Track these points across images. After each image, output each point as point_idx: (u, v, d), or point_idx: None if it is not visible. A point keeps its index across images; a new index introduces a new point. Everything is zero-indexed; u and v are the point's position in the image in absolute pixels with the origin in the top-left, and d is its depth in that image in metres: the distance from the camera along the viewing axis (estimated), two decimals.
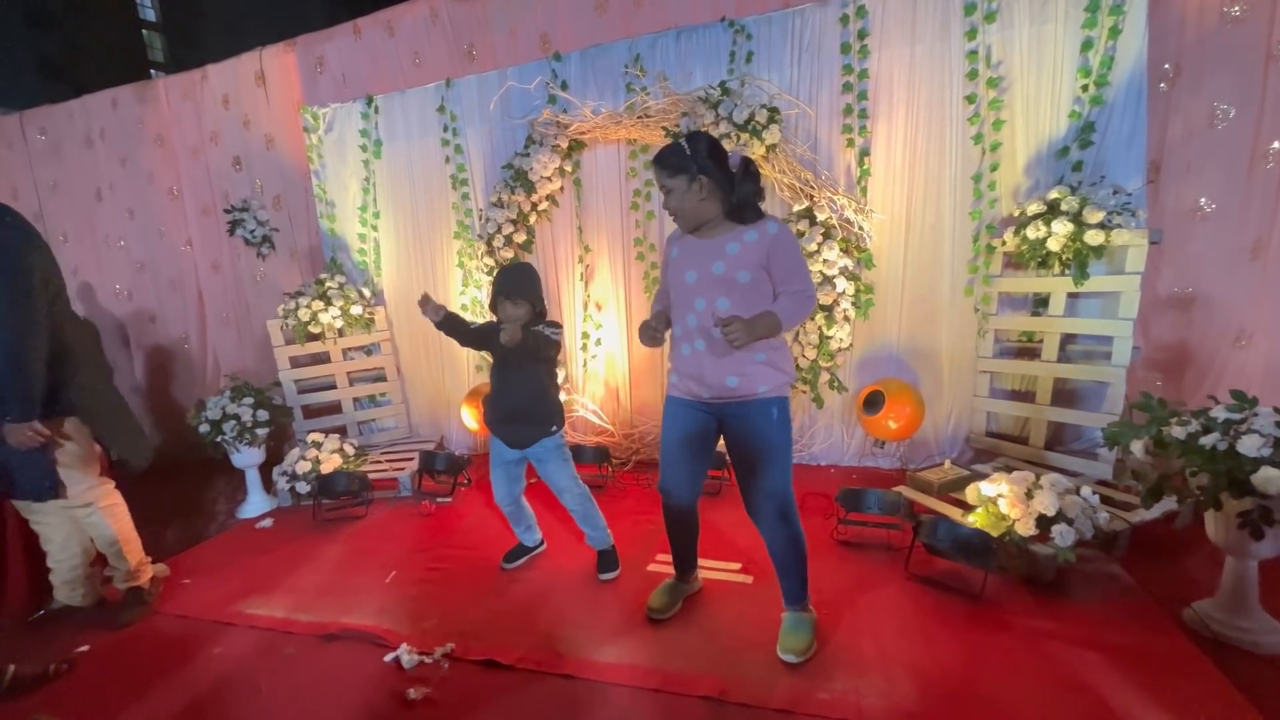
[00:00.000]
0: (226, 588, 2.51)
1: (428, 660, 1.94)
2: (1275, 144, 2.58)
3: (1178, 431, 1.86)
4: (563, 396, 2.73)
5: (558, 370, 2.34)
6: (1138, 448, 1.96)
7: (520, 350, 2.10)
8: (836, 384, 3.20)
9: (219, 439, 3.34)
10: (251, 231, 4.16)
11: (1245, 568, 1.85)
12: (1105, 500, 2.31)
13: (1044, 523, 2.11)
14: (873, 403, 2.97)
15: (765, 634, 1.94)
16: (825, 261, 2.94)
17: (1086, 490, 2.19)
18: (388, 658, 1.96)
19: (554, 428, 2.26)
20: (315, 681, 1.91)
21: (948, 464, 2.82)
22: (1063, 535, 2.06)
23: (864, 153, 3.02)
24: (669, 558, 2.18)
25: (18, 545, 2.48)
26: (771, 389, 1.77)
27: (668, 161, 1.72)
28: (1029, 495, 2.17)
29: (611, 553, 2.42)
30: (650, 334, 1.86)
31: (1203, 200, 2.70)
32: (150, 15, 31.10)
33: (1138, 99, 2.63)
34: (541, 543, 2.61)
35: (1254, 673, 1.67)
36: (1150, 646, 1.78)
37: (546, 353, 2.19)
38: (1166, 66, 2.71)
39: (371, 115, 3.75)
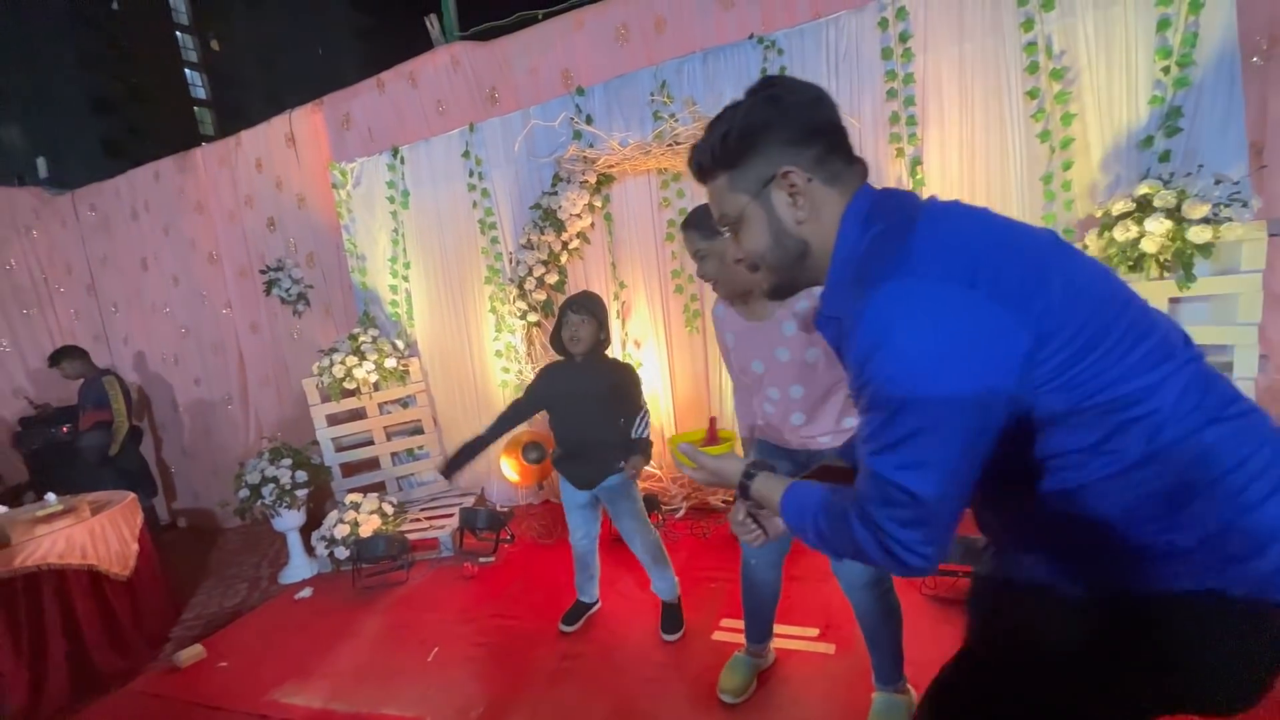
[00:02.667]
0: (263, 672, 2.36)
1: None
2: None
3: None
4: None
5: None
6: None
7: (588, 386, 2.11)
8: None
9: (258, 503, 3.27)
10: (287, 290, 4.16)
11: None
12: None
13: None
14: None
15: (855, 716, 1.67)
16: None
17: None
18: None
19: (620, 463, 2.13)
20: None
21: None
22: None
23: (916, 162, 2.78)
24: (736, 623, 1.94)
25: (58, 630, 2.42)
26: None
27: (703, 224, 1.49)
28: None
29: (677, 608, 2.26)
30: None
31: None
32: (201, 93, 33.48)
33: (1230, 76, 2.33)
34: (598, 601, 2.45)
35: None
36: None
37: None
38: (1259, 38, 2.41)
39: (398, 166, 3.72)
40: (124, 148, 26.23)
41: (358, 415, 3.80)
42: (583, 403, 2.13)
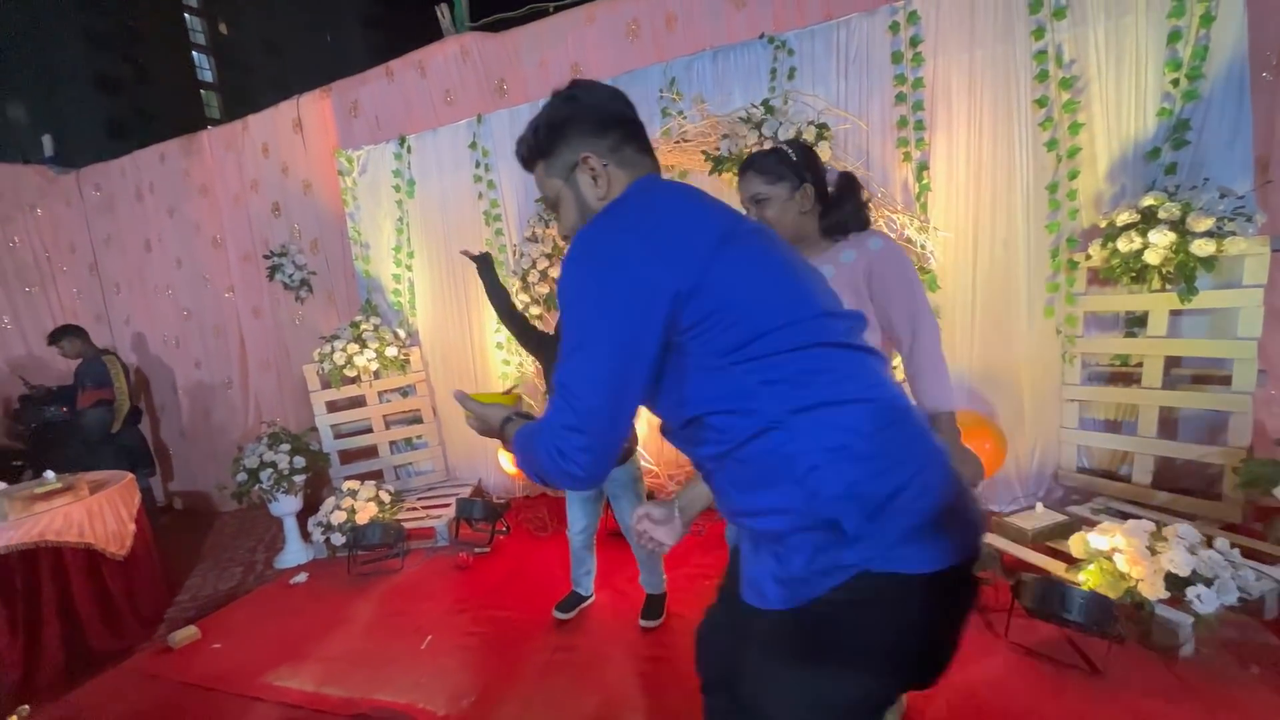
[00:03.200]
0: (256, 654, 2.37)
1: None
2: None
3: None
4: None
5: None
6: None
7: None
8: None
9: (256, 488, 3.27)
10: (290, 276, 4.16)
11: None
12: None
13: (1175, 583, 1.79)
14: None
15: None
16: None
17: (1223, 543, 1.86)
18: None
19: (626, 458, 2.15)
20: None
21: (1040, 507, 2.50)
22: (1203, 599, 1.73)
23: (922, 166, 2.79)
24: None
25: (54, 607, 2.42)
26: None
27: (766, 167, 1.49)
28: (1152, 550, 1.86)
29: (661, 600, 2.30)
30: None
31: None
32: (208, 76, 33.36)
33: (1239, 91, 2.34)
34: (592, 595, 2.46)
35: None
36: None
37: None
38: (1269, 54, 2.41)
39: (404, 155, 3.72)
40: (129, 128, 26.16)
41: (357, 403, 3.80)
42: None
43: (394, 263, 3.87)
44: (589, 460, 0.85)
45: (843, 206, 1.52)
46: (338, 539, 3.13)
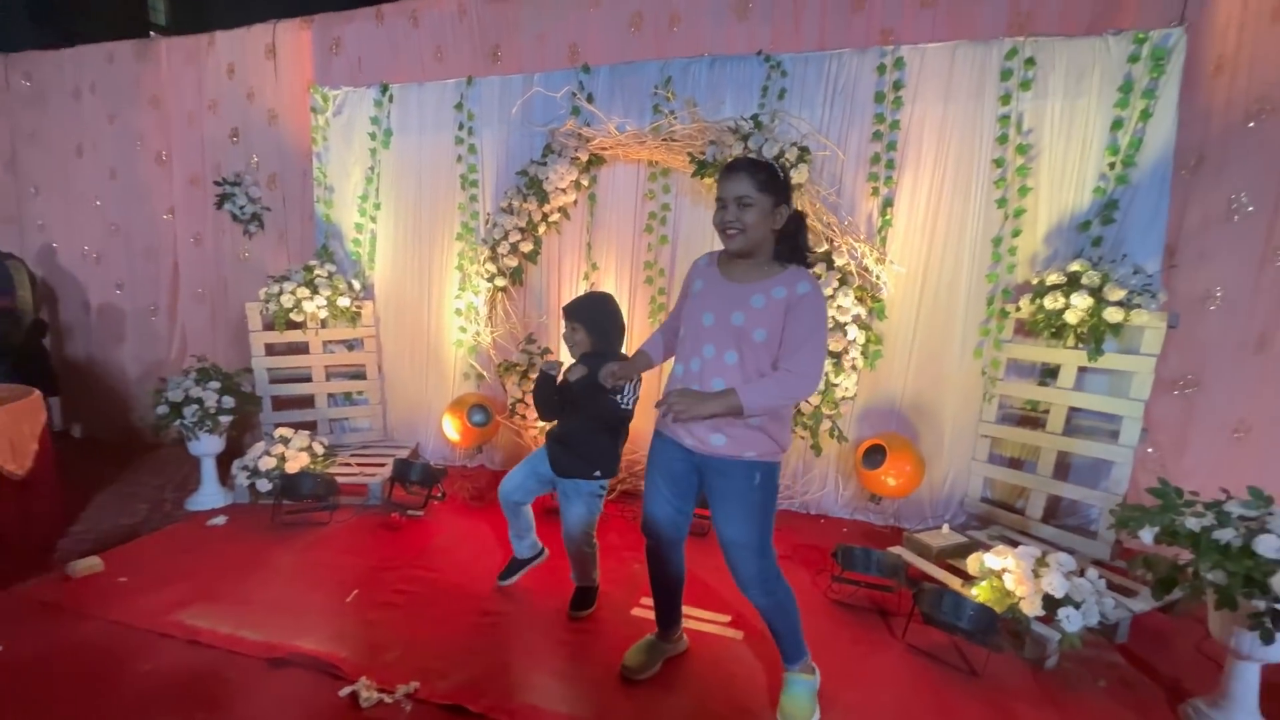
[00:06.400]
0: (168, 591, 2.28)
1: (388, 699, 1.75)
2: None
3: (1191, 523, 1.81)
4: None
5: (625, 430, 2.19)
6: (1147, 535, 1.91)
7: (584, 394, 2.01)
8: (837, 433, 3.11)
9: (177, 423, 3.11)
10: (241, 208, 3.95)
11: (1249, 670, 1.79)
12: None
13: (1050, 603, 2.03)
14: (873, 457, 2.90)
15: (757, 699, 1.82)
16: (839, 308, 2.88)
17: (1093, 573, 2.13)
18: (343, 692, 1.78)
19: (597, 472, 2.10)
20: (259, 713, 1.71)
21: (946, 528, 2.74)
22: (1070, 619, 1.98)
23: (887, 203, 2.99)
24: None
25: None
26: (760, 455, 1.63)
27: (759, 174, 1.56)
28: (1035, 573, 2.10)
29: (592, 593, 2.28)
30: (626, 375, 1.82)
31: (1218, 290, 2.71)
32: None
33: (1162, 183, 2.65)
34: (542, 551, 2.42)
35: None
36: None
37: (609, 418, 2.06)
38: (1190, 155, 2.74)
39: (385, 104, 3.61)
40: (58, 15, 23.54)
41: (298, 349, 3.67)
42: (582, 407, 2.11)
43: (358, 211, 3.75)
44: None
45: (793, 240, 1.65)
46: (264, 485, 3.03)
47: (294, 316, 3.48)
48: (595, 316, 2.09)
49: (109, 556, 2.51)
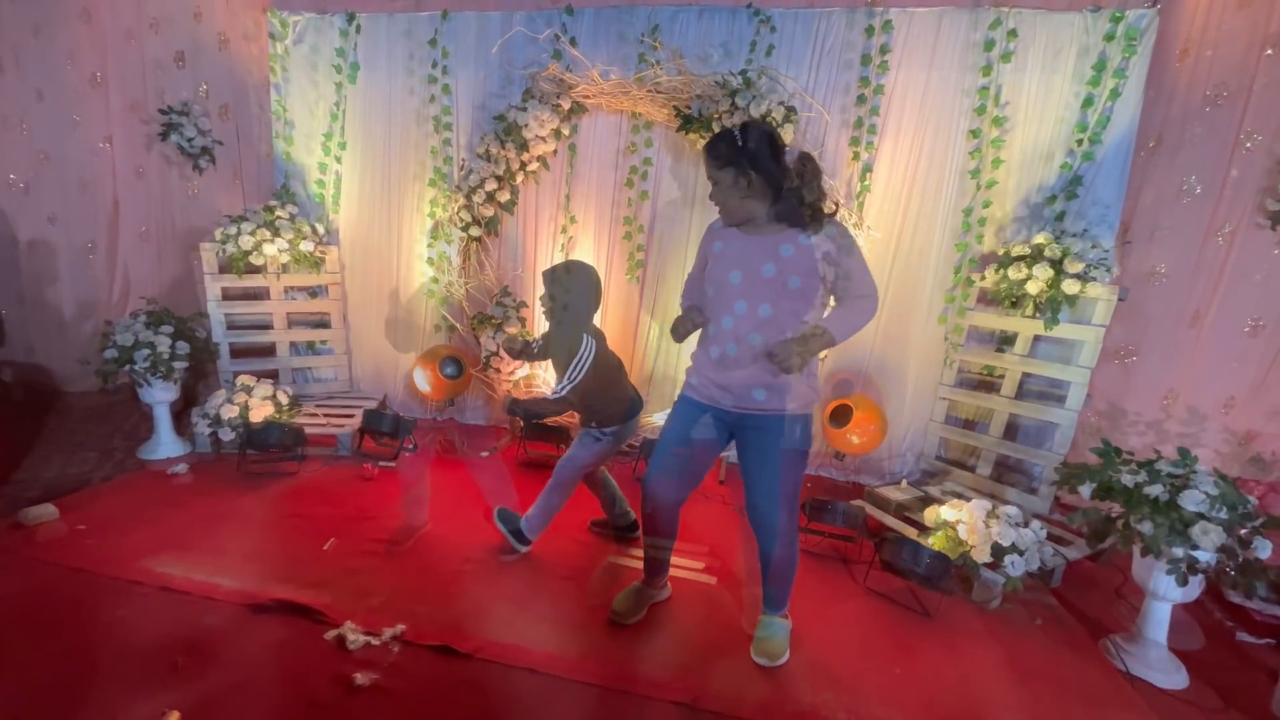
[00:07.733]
0: (133, 540, 2.21)
1: (375, 642, 1.78)
2: (1227, 227, 2.78)
3: (1126, 479, 1.98)
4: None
5: (619, 375, 2.26)
6: (1087, 489, 2.09)
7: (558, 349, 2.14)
8: None
9: (126, 368, 2.95)
10: (190, 140, 3.67)
11: (1162, 609, 2.01)
12: None
13: (998, 551, 2.21)
14: (840, 416, 3.02)
15: (732, 640, 1.93)
16: None
17: (1036, 525, 2.32)
18: (329, 635, 1.79)
19: (593, 423, 2.19)
20: (243, 658, 1.71)
21: (904, 484, 2.92)
22: (1014, 565, 2.16)
23: (867, 168, 3.03)
24: (638, 554, 2.12)
25: None
26: (800, 406, 1.70)
27: (717, 151, 1.61)
28: (986, 524, 2.27)
29: (521, 536, 2.30)
30: (685, 332, 1.78)
31: (1161, 267, 2.89)
32: None
33: (1124, 161, 2.78)
34: (628, 516, 2.47)
35: (1166, 707, 1.81)
36: (1081, 674, 1.91)
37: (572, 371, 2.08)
38: (1149, 137, 2.87)
39: (351, 34, 3.38)
40: None
41: (256, 295, 3.50)
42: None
43: (322, 150, 3.55)
44: None
45: (808, 185, 1.60)
46: (226, 434, 2.93)
47: (254, 260, 3.31)
48: (565, 282, 2.12)
49: (61, 505, 2.40)
